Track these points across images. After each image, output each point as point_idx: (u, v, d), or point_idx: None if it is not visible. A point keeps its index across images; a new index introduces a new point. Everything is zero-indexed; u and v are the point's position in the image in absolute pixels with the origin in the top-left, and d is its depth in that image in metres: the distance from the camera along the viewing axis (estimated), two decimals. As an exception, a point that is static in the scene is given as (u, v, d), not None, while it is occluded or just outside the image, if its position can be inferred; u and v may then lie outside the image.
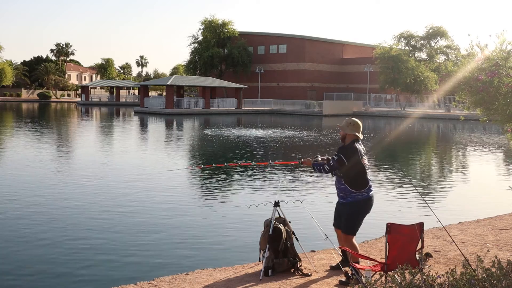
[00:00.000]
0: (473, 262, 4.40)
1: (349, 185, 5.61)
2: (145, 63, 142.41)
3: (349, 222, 5.65)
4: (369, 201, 5.66)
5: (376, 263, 5.17)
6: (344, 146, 5.68)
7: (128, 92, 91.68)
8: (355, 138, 5.67)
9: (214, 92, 59.56)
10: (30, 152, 19.09)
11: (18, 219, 9.24)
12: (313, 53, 74.71)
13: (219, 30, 76.69)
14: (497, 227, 8.32)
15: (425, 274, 3.90)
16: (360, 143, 5.73)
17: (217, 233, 8.58)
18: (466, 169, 17.98)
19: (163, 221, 9.28)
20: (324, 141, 25.80)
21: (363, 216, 5.69)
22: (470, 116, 21.58)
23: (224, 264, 6.47)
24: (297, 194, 11.78)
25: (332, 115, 53.55)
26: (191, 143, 24.92)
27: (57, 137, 26.84)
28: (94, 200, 10.93)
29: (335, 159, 5.61)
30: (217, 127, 34.43)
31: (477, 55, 5.66)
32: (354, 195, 5.59)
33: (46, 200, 10.80)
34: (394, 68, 55.81)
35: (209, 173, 15.60)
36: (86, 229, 8.64)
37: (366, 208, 5.67)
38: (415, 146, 26.43)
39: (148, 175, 14.49)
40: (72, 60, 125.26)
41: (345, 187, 5.64)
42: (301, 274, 5.81)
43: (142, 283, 5.66)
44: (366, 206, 5.66)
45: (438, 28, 61.31)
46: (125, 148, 22.20)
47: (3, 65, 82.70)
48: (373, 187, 5.80)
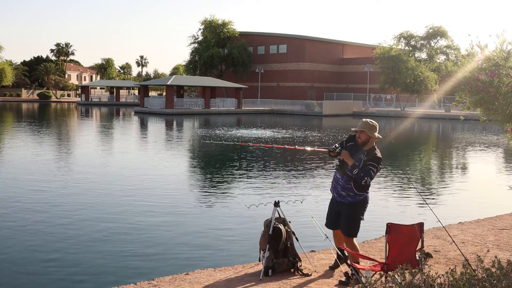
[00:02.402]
0: (473, 262, 4.40)
1: (357, 189, 5.48)
2: (145, 63, 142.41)
3: (352, 223, 5.58)
4: (367, 200, 5.65)
5: (376, 263, 5.17)
6: (378, 157, 5.44)
7: (128, 92, 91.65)
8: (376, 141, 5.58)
9: (214, 92, 59.55)
10: (29, 152, 19.09)
11: (18, 219, 9.24)
12: (313, 53, 74.69)
13: (219, 30, 76.68)
14: (497, 227, 8.31)
15: (425, 274, 3.90)
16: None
17: (217, 233, 8.58)
18: (466, 169, 17.98)
19: (163, 221, 9.28)
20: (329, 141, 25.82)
21: (363, 215, 5.67)
22: (470, 116, 21.59)
23: (224, 264, 6.47)
24: (297, 194, 11.78)
25: (332, 115, 53.56)
26: (193, 144, 24.93)
27: (57, 137, 26.83)
28: (94, 200, 10.92)
29: (375, 171, 5.39)
30: (222, 127, 34.43)
31: (477, 55, 5.66)
32: (356, 196, 5.55)
33: (45, 200, 10.79)
34: (394, 68, 55.79)
35: (209, 173, 15.61)
36: (86, 229, 8.64)
37: (365, 208, 5.65)
38: (415, 146, 26.43)
39: (148, 175, 14.49)
40: (72, 60, 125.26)
41: (351, 187, 5.50)
42: (301, 274, 5.81)
43: (142, 283, 5.66)
44: (366, 205, 5.65)
45: (438, 28, 61.30)
46: (125, 148, 22.19)
47: (3, 65, 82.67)
48: (372, 187, 5.78)
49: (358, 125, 5.57)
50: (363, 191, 5.51)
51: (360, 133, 5.51)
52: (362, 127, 5.47)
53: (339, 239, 5.85)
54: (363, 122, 5.54)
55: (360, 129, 5.49)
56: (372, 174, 5.35)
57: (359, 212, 5.58)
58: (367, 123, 5.50)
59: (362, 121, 5.58)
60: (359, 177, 5.35)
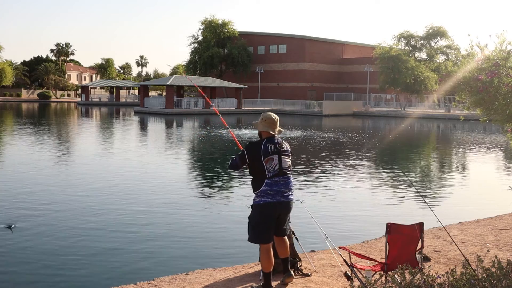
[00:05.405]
0: (473, 262, 4.40)
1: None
2: (145, 63, 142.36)
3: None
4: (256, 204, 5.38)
5: (376, 263, 5.17)
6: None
7: (128, 92, 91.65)
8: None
9: (214, 92, 59.55)
10: (30, 152, 19.09)
11: (18, 219, 9.24)
12: (313, 53, 74.69)
13: (219, 30, 76.69)
14: (497, 227, 8.32)
15: (425, 274, 3.90)
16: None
17: (217, 233, 8.58)
18: (466, 169, 17.98)
19: (163, 221, 9.28)
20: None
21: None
22: (470, 116, 21.60)
23: (224, 264, 6.47)
24: (297, 194, 11.77)
25: (332, 115, 53.56)
26: (193, 143, 24.93)
27: (57, 137, 26.84)
28: (93, 200, 10.92)
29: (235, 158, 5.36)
30: (222, 127, 34.44)
31: (477, 55, 5.66)
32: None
33: (44, 200, 10.80)
34: (394, 68, 55.80)
35: (209, 173, 15.60)
36: (86, 229, 8.63)
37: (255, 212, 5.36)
38: (415, 146, 26.43)
39: (147, 175, 14.49)
40: (72, 60, 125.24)
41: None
42: (301, 274, 5.81)
43: (142, 283, 5.66)
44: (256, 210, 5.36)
45: (438, 28, 61.26)
46: (125, 148, 22.18)
47: (3, 65, 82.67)
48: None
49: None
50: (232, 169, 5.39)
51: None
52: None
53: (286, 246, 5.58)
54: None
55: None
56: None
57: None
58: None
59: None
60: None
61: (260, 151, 5.13)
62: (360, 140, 26.74)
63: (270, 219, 5.13)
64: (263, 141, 5.25)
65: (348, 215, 9.99)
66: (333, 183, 13.59)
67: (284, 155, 5.24)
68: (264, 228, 5.13)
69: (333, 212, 10.20)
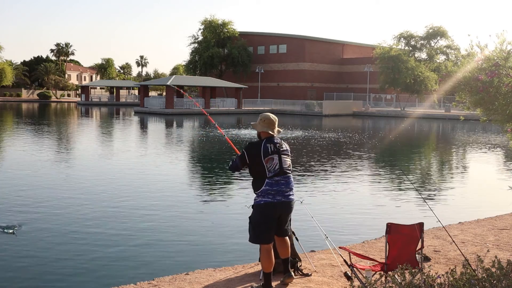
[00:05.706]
0: (473, 262, 4.40)
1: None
2: (145, 63, 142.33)
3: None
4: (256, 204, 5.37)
5: (376, 263, 5.17)
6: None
7: (128, 92, 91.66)
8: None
9: (214, 92, 59.56)
10: (29, 153, 19.09)
11: (19, 219, 9.24)
12: (313, 53, 74.68)
13: (219, 30, 76.69)
14: (497, 227, 8.32)
15: (425, 274, 3.90)
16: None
17: (217, 233, 8.58)
18: (466, 169, 17.98)
19: (162, 221, 9.28)
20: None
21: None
22: (470, 116, 21.58)
23: (224, 264, 6.47)
24: (297, 194, 11.77)
25: (332, 115, 53.56)
26: (193, 143, 24.92)
27: (57, 138, 26.83)
28: (93, 200, 10.92)
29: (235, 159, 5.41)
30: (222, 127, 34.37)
31: (477, 55, 5.66)
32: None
33: (43, 201, 10.79)
34: (394, 68, 55.79)
35: (209, 173, 15.60)
36: (85, 229, 8.63)
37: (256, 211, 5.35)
38: (415, 146, 26.43)
39: (147, 175, 14.49)
40: (72, 60, 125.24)
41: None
42: (301, 274, 5.80)
43: (142, 283, 5.66)
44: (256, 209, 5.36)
45: (438, 28, 61.25)
46: (125, 147, 22.18)
47: (3, 65, 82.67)
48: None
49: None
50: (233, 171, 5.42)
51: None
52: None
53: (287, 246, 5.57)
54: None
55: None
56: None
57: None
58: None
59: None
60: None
61: (260, 151, 5.14)
62: (360, 140, 26.75)
63: (270, 219, 5.13)
64: (262, 141, 5.26)
65: (348, 215, 9.99)
66: (333, 183, 13.60)
67: (284, 154, 5.25)
68: (264, 228, 5.13)
69: (333, 212, 10.20)
